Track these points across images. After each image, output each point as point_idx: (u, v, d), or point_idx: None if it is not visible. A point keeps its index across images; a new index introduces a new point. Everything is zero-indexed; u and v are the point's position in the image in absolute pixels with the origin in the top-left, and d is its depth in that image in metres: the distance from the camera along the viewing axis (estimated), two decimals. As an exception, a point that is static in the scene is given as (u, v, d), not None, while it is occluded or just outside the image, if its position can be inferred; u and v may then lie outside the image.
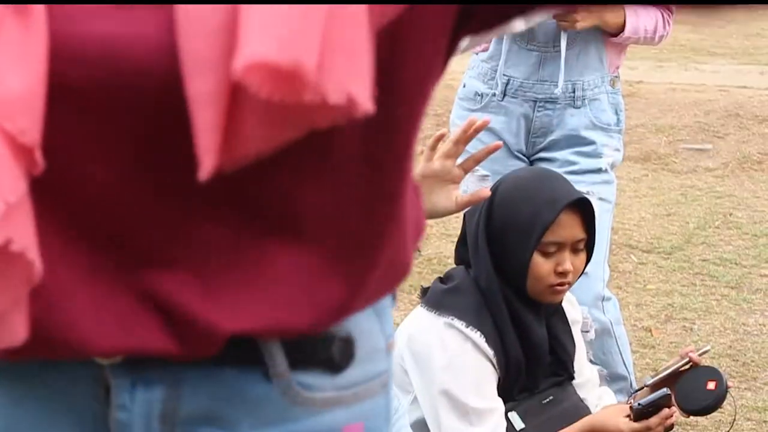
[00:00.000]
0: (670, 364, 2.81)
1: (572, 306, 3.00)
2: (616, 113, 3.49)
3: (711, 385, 2.75)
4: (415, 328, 2.82)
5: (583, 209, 2.76)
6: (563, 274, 2.74)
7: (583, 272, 2.84)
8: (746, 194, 7.11)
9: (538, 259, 2.73)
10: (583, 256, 2.80)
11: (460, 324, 2.74)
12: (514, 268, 2.74)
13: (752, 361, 4.57)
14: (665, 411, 2.68)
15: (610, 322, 3.48)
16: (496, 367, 2.75)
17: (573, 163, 3.37)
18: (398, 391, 2.83)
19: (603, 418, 2.72)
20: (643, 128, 8.48)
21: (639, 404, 2.68)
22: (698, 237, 6.20)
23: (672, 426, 2.75)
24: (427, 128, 9.11)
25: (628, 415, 2.71)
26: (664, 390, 2.72)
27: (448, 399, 2.71)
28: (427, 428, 2.79)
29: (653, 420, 2.66)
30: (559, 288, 2.76)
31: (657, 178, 7.52)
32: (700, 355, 2.85)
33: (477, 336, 2.73)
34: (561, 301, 2.85)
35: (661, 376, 2.84)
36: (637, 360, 4.46)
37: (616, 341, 3.51)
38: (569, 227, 2.74)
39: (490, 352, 2.74)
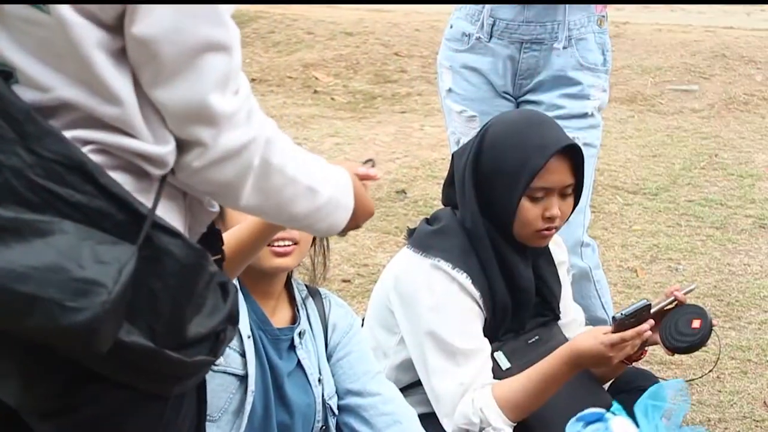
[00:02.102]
0: (655, 303, 2.82)
1: (558, 247, 3.01)
2: (603, 53, 3.47)
3: (696, 324, 2.76)
4: (401, 270, 2.83)
5: (573, 155, 2.76)
6: (551, 219, 2.74)
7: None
8: (732, 135, 7.12)
9: (525, 204, 2.73)
10: (570, 201, 2.80)
11: (446, 266, 2.75)
12: (502, 212, 2.75)
13: (737, 301, 4.60)
14: (641, 326, 2.67)
15: (589, 267, 3.50)
16: (483, 308, 2.77)
17: (560, 107, 3.36)
18: (384, 332, 2.85)
19: (579, 339, 2.72)
20: (629, 69, 8.46)
21: (621, 314, 2.68)
22: (684, 178, 6.21)
23: (646, 341, 2.75)
24: (413, 70, 9.10)
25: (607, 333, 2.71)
26: (644, 300, 2.73)
27: (435, 340, 2.72)
28: (413, 368, 2.81)
29: (629, 333, 2.65)
30: (546, 233, 2.77)
31: (643, 119, 7.52)
32: (685, 293, 2.85)
33: (463, 277, 2.74)
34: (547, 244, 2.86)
35: (633, 308, 2.81)
36: (622, 300, 4.49)
37: (595, 285, 3.53)
38: (558, 173, 2.73)
39: (477, 294, 2.75)
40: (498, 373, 2.78)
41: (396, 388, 2.66)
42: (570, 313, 3.05)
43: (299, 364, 2.49)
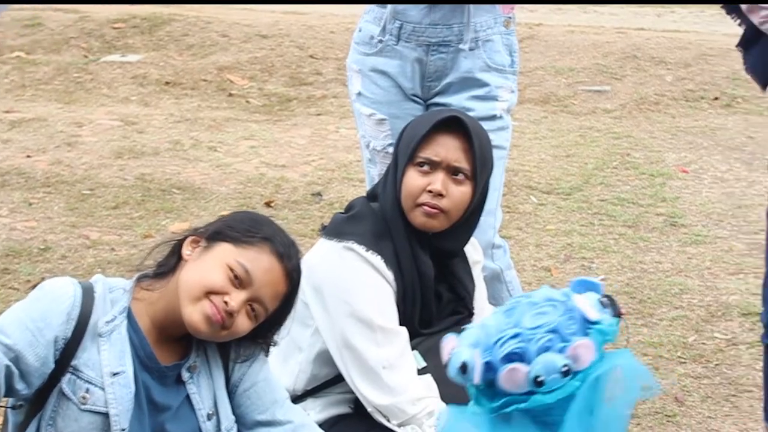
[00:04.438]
0: None
1: (473, 247, 3.03)
2: (510, 54, 3.49)
3: None
4: (315, 258, 2.82)
5: (470, 140, 2.77)
6: (433, 194, 2.74)
7: (468, 211, 2.85)
8: (643, 135, 7.23)
9: (410, 173, 2.76)
10: (465, 189, 2.78)
11: (360, 248, 2.76)
12: (396, 184, 2.78)
13: (648, 298, 4.67)
14: None
15: (500, 269, 3.52)
16: (395, 291, 2.78)
17: (469, 110, 3.36)
18: (298, 326, 2.83)
19: None
20: (542, 70, 8.55)
21: None
22: (596, 177, 6.29)
23: None
24: (328, 73, 9.09)
25: None
26: None
27: (354, 320, 2.72)
28: (331, 362, 2.80)
29: None
30: (428, 209, 2.76)
31: (556, 120, 7.60)
32: None
33: (378, 259, 2.75)
34: (434, 229, 2.82)
35: None
36: (536, 299, 4.52)
37: (506, 286, 3.55)
38: (445, 147, 2.76)
39: (390, 276, 2.76)
40: (413, 372, 2.79)
41: (304, 413, 2.64)
42: (485, 313, 3.07)
43: (188, 398, 2.43)
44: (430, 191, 2.74)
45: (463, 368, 2.31)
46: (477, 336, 2.36)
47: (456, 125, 2.77)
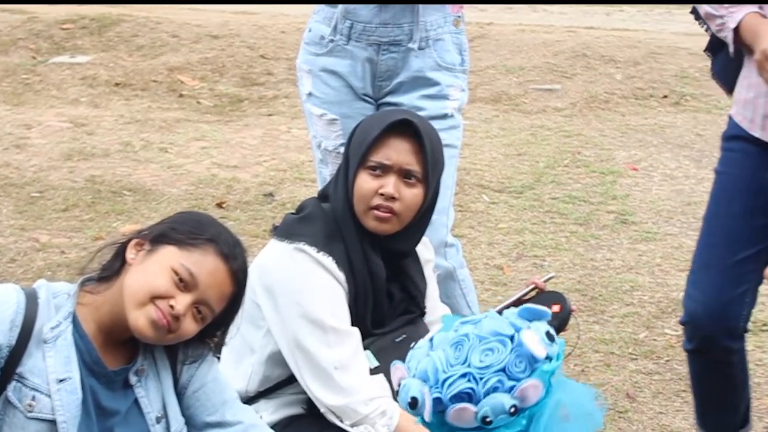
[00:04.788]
0: (516, 293, 2.88)
1: (425, 246, 3.03)
2: (461, 53, 3.50)
3: (555, 308, 2.82)
4: (266, 259, 2.82)
5: (419, 141, 2.77)
6: (386, 197, 2.74)
7: (420, 213, 2.86)
8: (593, 133, 7.27)
9: (362, 176, 2.76)
10: (416, 191, 2.79)
11: (311, 249, 2.76)
12: (348, 187, 2.78)
13: (600, 295, 4.70)
14: None
15: (453, 267, 3.53)
16: (347, 292, 2.78)
17: (420, 109, 3.37)
18: (250, 327, 2.82)
19: None
20: (493, 69, 8.58)
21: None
22: (548, 176, 6.32)
23: None
24: (279, 73, 9.06)
25: None
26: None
27: (306, 321, 2.72)
28: (283, 362, 2.80)
29: None
30: (381, 213, 2.76)
31: (508, 118, 7.63)
32: (545, 281, 2.92)
33: (329, 261, 2.75)
34: (387, 232, 2.82)
35: (507, 302, 2.90)
36: (489, 298, 4.55)
37: (459, 285, 3.56)
38: (397, 151, 2.76)
39: (341, 276, 2.76)
40: (366, 372, 2.79)
41: (254, 413, 2.63)
42: (437, 311, 3.08)
43: (136, 402, 2.42)
44: (382, 194, 2.74)
45: (413, 403, 2.34)
46: (425, 368, 2.37)
47: (407, 128, 2.77)
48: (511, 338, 2.35)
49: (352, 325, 2.78)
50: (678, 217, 5.70)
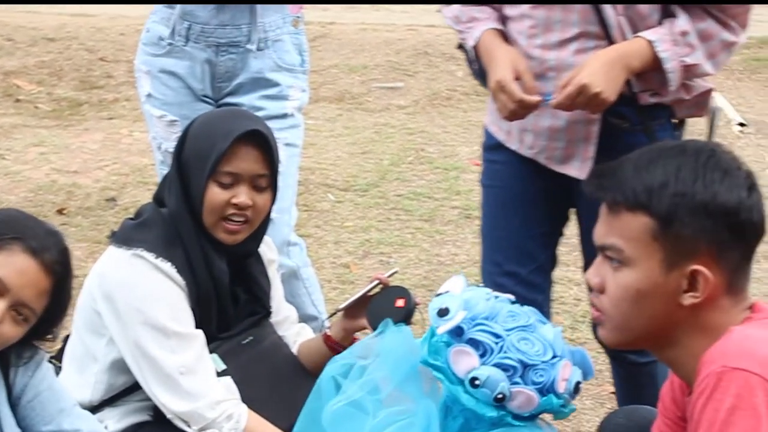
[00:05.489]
0: (360, 289, 2.90)
1: (268, 246, 3.03)
2: (300, 54, 3.51)
3: (400, 303, 2.85)
4: (105, 267, 2.78)
5: (266, 147, 2.78)
6: (239, 207, 2.74)
7: (269, 216, 2.85)
8: (437, 130, 7.34)
9: (213, 189, 2.74)
10: (267, 196, 2.80)
11: (149, 255, 2.72)
12: (194, 198, 2.75)
13: (446, 290, 4.74)
14: None
15: (297, 266, 3.54)
16: (188, 297, 2.75)
17: (260, 109, 3.38)
18: (92, 336, 2.78)
19: None
20: (336, 69, 8.60)
21: (338, 308, 2.80)
22: (392, 173, 6.36)
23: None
24: (120, 75, 8.87)
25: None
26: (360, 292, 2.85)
27: (148, 328, 2.68)
28: (126, 370, 2.75)
29: None
30: (233, 225, 2.76)
31: (351, 117, 7.65)
32: (388, 276, 2.95)
33: (168, 266, 2.72)
34: (239, 242, 2.82)
35: (352, 299, 2.92)
36: (337, 296, 4.56)
37: (304, 283, 3.57)
38: (246, 160, 2.74)
39: (182, 282, 2.74)
40: (213, 376, 2.77)
41: (94, 420, 2.59)
42: (282, 311, 3.08)
43: None
44: (235, 204, 2.73)
45: (442, 312, 2.34)
46: (476, 302, 2.38)
47: (253, 134, 2.75)
48: (553, 356, 2.38)
49: (197, 329, 2.75)
50: (520, 211, 5.79)
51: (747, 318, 2.02)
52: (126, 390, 2.81)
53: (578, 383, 2.46)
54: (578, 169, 2.79)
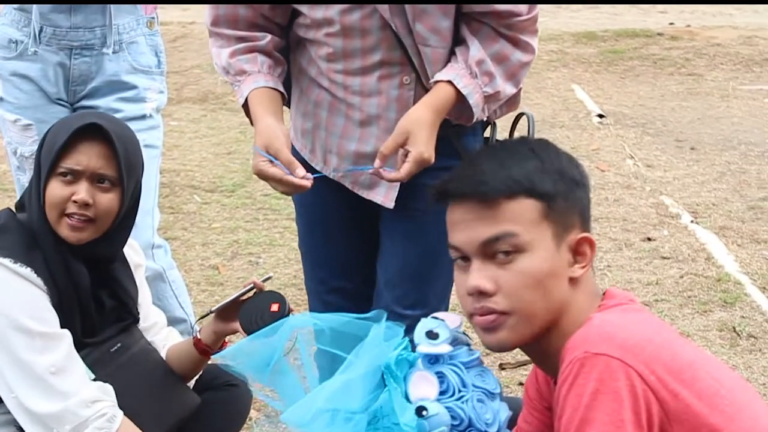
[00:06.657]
0: (234, 293, 2.89)
1: (133, 250, 2.98)
2: (157, 55, 3.49)
3: (274, 308, 2.84)
4: None
5: (113, 147, 2.71)
6: (79, 204, 2.68)
7: (119, 217, 2.81)
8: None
9: (53, 184, 2.69)
10: (112, 196, 2.74)
11: (6, 261, 2.66)
12: (40, 195, 2.71)
13: (316, 288, 4.74)
14: None
15: (162, 269, 3.51)
16: (51, 300, 2.70)
17: (117, 111, 3.34)
18: None
19: None
20: (199, 69, 8.53)
21: (211, 310, 2.82)
22: (258, 173, 6.33)
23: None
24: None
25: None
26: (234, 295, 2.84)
27: (13, 332, 2.62)
28: None
29: None
30: (75, 223, 2.70)
31: (216, 117, 7.60)
32: (263, 281, 2.93)
33: (27, 271, 2.67)
34: (83, 241, 2.75)
35: (224, 302, 2.91)
36: (206, 298, 4.52)
37: (170, 286, 3.54)
38: (87, 155, 2.69)
39: (44, 287, 2.69)
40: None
41: None
42: (151, 317, 3.04)
43: None
44: (75, 201, 2.68)
45: (432, 335, 2.34)
46: (461, 347, 2.39)
47: (97, 131, 2.70)
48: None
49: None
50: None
51: (602, 305, 2.07)
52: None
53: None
54: (384, 196, 2.76)
